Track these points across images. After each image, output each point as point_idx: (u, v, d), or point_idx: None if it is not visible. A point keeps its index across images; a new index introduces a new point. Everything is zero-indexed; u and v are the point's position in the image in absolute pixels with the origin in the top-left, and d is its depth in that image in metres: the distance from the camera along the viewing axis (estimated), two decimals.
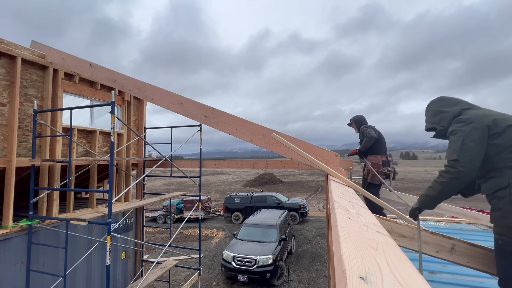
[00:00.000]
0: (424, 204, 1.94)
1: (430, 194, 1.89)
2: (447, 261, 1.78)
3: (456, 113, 2.01)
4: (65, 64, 4.81)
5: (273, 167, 6.87)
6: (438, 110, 2.16)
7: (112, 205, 4.16)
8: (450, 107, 2.09)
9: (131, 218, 6.72)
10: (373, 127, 4.42)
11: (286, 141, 2.63)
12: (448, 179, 1.77)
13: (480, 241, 1.89)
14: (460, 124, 1.86)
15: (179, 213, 18.67)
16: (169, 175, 7.31)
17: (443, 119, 2.09)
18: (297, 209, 17.36)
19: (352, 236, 0.77)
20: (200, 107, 3.55)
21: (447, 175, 1.78)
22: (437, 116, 2.15)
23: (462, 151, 1.75)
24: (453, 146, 1.82)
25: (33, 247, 4.44)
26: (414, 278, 0.51)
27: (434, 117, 2.18)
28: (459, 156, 1.74)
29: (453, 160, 1.76)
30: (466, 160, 1.72)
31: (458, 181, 1.75)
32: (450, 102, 2.13)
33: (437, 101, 2.23)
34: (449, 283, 2.58)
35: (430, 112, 2.24)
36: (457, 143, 1.79)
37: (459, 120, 1.92)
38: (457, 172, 1.73)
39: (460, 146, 1.76)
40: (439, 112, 2.14)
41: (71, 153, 4.47)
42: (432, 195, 1.87)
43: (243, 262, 9.05)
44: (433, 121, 2.19)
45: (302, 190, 34.35)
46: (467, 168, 1.72)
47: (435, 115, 2.17)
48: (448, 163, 1.80)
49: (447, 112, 2.08)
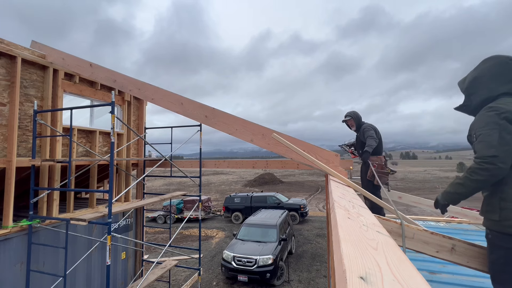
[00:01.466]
0: (452, 201, 1.81)
1: (461, 191, 1.72)
2: (447, 261, 1.78)
3: (492, 96, 1.71)
4: (65, 64, 4.81)
5: (273, 167, 6.88)
6: (483, 76, 1.77)
7: (112, 205, 4.16)
8: (495, 83, 1.72)
9: (131, 218, 6.72)
10: (374, 128, 4.30)
11: (286, 141, 2.63)
12: (486, 177, 1.58)
13: (480, 241, 1.88)
14: (492, 114, 1.61)
15: (179, 213, 18.67)
16: (169, 175, 7.31)
17: (477, 94, 1.77)
18: (297, 209, 17.37)
19: (352, 236, 0.77)
20: (200, 107, 3.55)
21: (484, 172, 1.57)
22: (477, 84, 1.79)
23: (501, 145, 1.54)
24: (488, 140, 1.58)
25: (33, 247, 4.44)
26: (414, 278, 0.52)
27: (473, 83, 1.81)
28: (498, 151, 1.53)
29: (491, 156, 1.55)
30: (505, 156, 1.53)
31: (495, 179, 1.58)
32: (504, 76, 1.70)
33: (496, 64, 1.75)
34: (449, 283, 2.58)
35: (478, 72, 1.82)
36: (493, 136, 1.56)
37: (491, 108, 1.64)
38: (496, 169, 1.54)
39: (498, 140, 1.54)
40: (481, 80, 1.77)
41: (71, 153, 4.47)
42: (463, 193, 1.72)
43: (243, 262, 9.05)
44: (469, 86, 1.83)
45: (302, 190, 34.36)
46: (507, 165, 1.54)
47: (476, 81, 1.80)
48: (485, 159, 1.57)
49: (487, 88, 1.74)
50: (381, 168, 4.06)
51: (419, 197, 5.01)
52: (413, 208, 18.82)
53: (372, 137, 4.05)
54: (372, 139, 4.04)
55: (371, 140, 4.03)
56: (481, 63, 1.84)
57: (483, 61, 1.83)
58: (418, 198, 4.94)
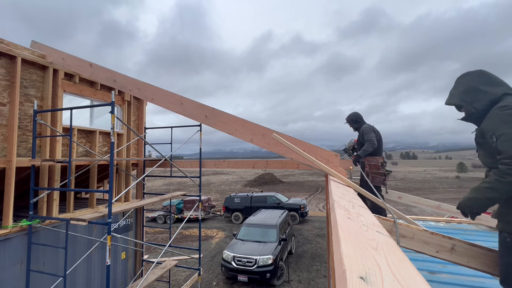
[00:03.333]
0: (481, 208, 1.69)
1: (492, 196, 1.62)
2: (447, 261, 1.78)
3: (497, 97, 1.72)
4: (65, 64, 4.81)
5: (273, 167, 6.87)
6: (474, 86, 1.81)
7: (112, 205, 4.15)
8: (490, 87, 1.76)
9: (131, 218, 6.72)
10: (374, 130, 4.25)
11: (286, 141, 2.63)
12: None
13: (480, 241, 1.88)
14: (509, 112, 1.59)
15: (179, 213, 18.67)
16: (169, 175, 7.31)
17: (479, 101, 1.78)
18: (297, 209, 17.37)
19: (352, 236, 0.77)
20: (200, 107, 3.55)
21: None
22: (472, 94, 1.81)
23: None
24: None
25: (33, 247, 4.44)
26: (414, 278, 0.52)
27: (467, 94, 1.84)
28: None
29: None
30: None
31: None
32: (492, 81, 1.78)
33: (476, 75, 1.84)
34: (449, 283, 2.58)
35: (464, 86, 1.87)
36: None
37: (506, 107, 1.62)
38: None
39: None
40: (475, 89, 1.80)
41: (71, 153, 4.46)
42: (494, 197, 1.62)
43: (243, 262, 9.05)
44: (464, 98, 1.85)
45: (302, 190, 34.36)
46: None
47: (470, 92, 1.82)
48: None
49: (486, 92, 1.76)
50: (376, 169, 4.04)
51: (419, 197, 5.02)
52: (413, 208, 18.82)
53: (370, 141, 4.03)
54: (369, 144, 4.02)
55: (368, 144, 4.02)
56: (460, 79, 1.92)
57: (461, 77, 1.92)
58: (418, 198, 4.94)
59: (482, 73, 1.82)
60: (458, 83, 1.93)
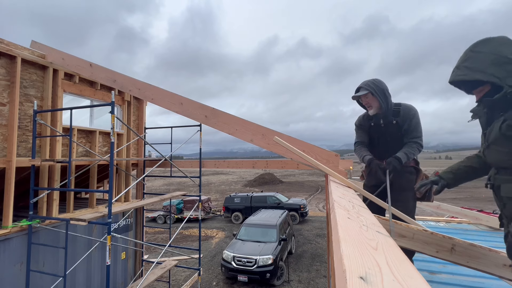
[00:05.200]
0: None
1: None
2: (447, 261, 1.77)
3: None
4: (65, 64, 4.81)
5: (273, 167, 6.88)
6: (506, 57, 1.37)
7: (112, 205, 4.16)
8: None
9: (131, 218, 6.72)
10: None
11: (288, 144, 2.63)
12: None
13: (480, 241, 1.88)
14: None
15: (179, 213, 18.66)
16: (169, 175, 7.31)
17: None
18: (297, 209, 17.36)
19: (352, 236, 0.77)
20: (200, 107, 3.55)
21: None
22: (502, 66, 1.38)
23: None
24: None
25: (33, 247, 4.44)
26: (414, 278, 0.51)
27: (495, 66, 1.39)
28: None
29: None
30: None
31: None
32: None
33: (505, 42, 1.39)
34: (449, 283, 2.58)
35: (491, 56, 1.41)
36: None
37: None
38: None
39: None
40: (508, 61, 1.37)
41: (71, 153, 4.47)
42: None
43: (243, 262, 9.05)
44: (492, 71, 1.39)
45: (302, 190, 34.35)
46: None
47: (498, 64, 1.38)
48: None
49: None
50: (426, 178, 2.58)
51: None
52: None
53: (421, 139, 2.55)
54: (419, 144, 2.54)
55: (418, 146, 2.53)
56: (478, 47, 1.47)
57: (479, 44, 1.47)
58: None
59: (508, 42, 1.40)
60: (477, 52, 1.45)
